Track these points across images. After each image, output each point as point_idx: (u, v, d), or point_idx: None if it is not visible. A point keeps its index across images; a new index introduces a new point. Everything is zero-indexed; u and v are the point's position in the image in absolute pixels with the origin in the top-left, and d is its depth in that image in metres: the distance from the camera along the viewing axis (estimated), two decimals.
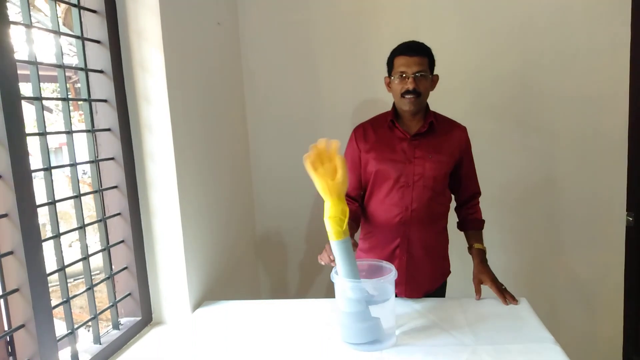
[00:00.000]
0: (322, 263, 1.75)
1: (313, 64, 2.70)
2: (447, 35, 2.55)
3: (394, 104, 1.96)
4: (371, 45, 2.63)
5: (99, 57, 1.77)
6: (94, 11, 1.74)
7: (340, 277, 1.58)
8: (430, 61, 1.87)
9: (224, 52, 2.51)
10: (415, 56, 1.81)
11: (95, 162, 1.75)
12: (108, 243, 1.81)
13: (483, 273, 1.91)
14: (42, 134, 1.46)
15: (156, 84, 1.84)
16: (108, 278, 1.78)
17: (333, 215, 1.54)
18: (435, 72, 1.90)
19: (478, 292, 1.90)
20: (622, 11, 2.39)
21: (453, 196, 2.07)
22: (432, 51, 1.87)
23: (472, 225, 2.03)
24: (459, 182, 2.00)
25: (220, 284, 2.27)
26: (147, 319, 1.95)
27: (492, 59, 2.54)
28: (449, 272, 2.08)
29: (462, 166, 1.98)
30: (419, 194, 1.88)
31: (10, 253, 1.33)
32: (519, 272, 2.68)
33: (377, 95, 2.66)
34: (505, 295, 1.85)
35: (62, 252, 1.54)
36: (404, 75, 1.82)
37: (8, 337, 1.38)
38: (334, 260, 1.62)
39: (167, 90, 1.84)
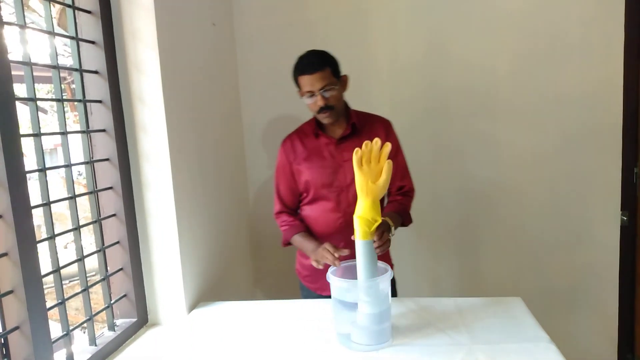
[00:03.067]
0: (320, 267, 1.75)
1: None
2: (442, 35, 2.56)
3: None
4: (366, 46, 2.63)
5: (94, 57, 1.77)
6: (88, 12, 1.74)
7: (361, 278, 1.59)
8: (333, 68, 1.86)
9: (219, 53, 2.51)
10: (315, 72, 1.80)
11: (90, 163, 1.75)
12: (103, 244, 1.80)
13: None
14: (37, 135, 1.45)
15: (151, 85, 1.83)
16: (103, 279, 1.78)
17: (363, 216, 1.56)
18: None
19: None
20: (616, 10, 2.40)
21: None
22: (330, 55, 1.87)
23: (391, 206, 1.97)
24: None
25: (216, 284, 2.27)
26: (142, 320, 1.95)
27: (485, 59, 2.55)
28: (392, 268, 2.04)
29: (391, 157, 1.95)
30: (355, 195, 1.88)
31: (5, 254, 1.33)
32: (514, 271, 2.69)
33: (372, 95, 2.66)
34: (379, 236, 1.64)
35: (57, 253, 1.53)
36: (312, 93, 1.82)
37: (3, 339, 1.37)
38: (338, 259, 1.64)
39: (162, 91, 1.83)
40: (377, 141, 1.57)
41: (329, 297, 1.94)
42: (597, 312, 2.64)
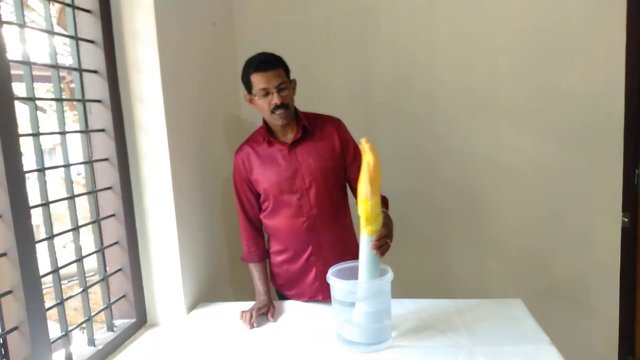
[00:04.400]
0: (243, 322, 1.82)
1: (308, 65, 2.69)
2: (443, 35, 2.55)
3: (264, 118, 1.97)
4: (367, 46, 2.63)
5: (93, 57, 1.76)
6: (88, 11, 1.73)
7: (360, 275, 1.60)
8: (286, 69, 1.89)
9: (219, 53, 2.50)
10: (271, 70, 1.82)
11: (89, 162, 1.75)
12: (102, 244, 1.80)
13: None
14: (36, 134, 1.45)
15: (151, 85, 1.83)
16: (102, 280, 1.78)
17: (359, 210, 1.60)
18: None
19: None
20: (618, 12, 2.39)
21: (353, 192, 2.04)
22: (282, 58, 1.89)
23: None
24: (351, 170, 1.99)
25: (215, 285, 2.27)
26: (141, 320, 1.94)
27: (487, 60, 2.54)
28: None
29: (348, 154, 1.98)
30: (315, 197, 1.91)
31: (4, 254, 1.32)
32: (514, 272, 2.69)
33: (372, 95, 2.66)
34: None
35: (56, 253, 1.53)
36: (266, 91, 1.83)
37: (1, 339, 1.37)
38: (250, 325, 1.77)
39: (162, 91, 1.83)
40: (364, 141, 1.57)
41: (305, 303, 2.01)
42: (598, 313, 2.64)
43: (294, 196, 1.91)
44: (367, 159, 1.55)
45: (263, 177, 1.93)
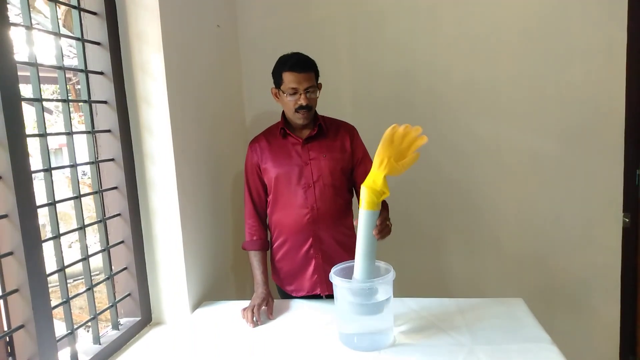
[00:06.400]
0: (246, 321, 1.83)
1: None
2: (444, 38, 2.56)
3: (283, 113, 2.03)
4: (370, 47, 2.64)
5: (99, 58, 1.78)
6: (94, 13, 1.75)
7: (359, 251, 1.60)
8: (317, 74, 1.97)
9: (223, 55, 2.52)
10: (304, 72, 1.89)
11: (95, 163, 1.76)
12: (108, 244, 1.82)
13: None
14: (42, 135, 1.47)
15: (156, 86, 1.85)
16: (108, 278, 1.79)
17: (373, 187, 1.58)
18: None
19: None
20: (619, 13, 2.40)
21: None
22: (315, 62, 1.96)
23: None
24: (356, 174, 2.04)
25: (219, 284, 2.28)
26: (146, 319, 1.96)
27: (488, 61, 2.55)
28: None
29: (357, 158, 2.04)
30: (321, 192, 1.96)
31: (10, 253, 1.34)
32: (515, 272, 2.69)
33: (375, 95, 2.67)
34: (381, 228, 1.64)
35: (62, 252, 1.54)
36: (295, 91, 1.89)
37: (8, 338, 1.38)
38: (253, 323, 1.79)
39: (167, 92, 1.85)
40: (417, 129, 1.60)
41: (302, 297, 2.04)
42: (599, 313, 2.64)
43: (300, 189, 1.96)
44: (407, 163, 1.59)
45: (272, 166, 1.99)
